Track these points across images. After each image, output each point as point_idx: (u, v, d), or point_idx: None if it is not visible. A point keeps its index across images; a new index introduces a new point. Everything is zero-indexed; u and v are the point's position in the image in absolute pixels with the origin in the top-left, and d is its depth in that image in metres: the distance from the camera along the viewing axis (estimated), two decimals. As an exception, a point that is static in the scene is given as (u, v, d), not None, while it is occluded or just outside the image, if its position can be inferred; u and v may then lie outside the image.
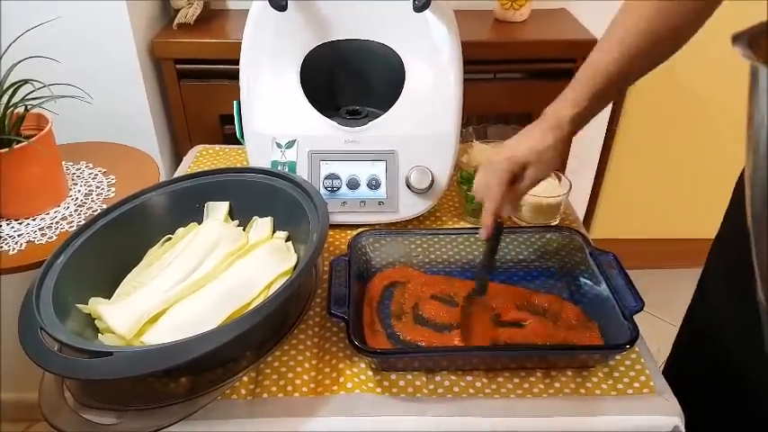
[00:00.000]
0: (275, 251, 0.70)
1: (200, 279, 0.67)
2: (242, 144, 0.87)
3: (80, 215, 0.91)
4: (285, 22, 0.83)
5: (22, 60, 0.86)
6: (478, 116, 1.32)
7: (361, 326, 0.67)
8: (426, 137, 0.84)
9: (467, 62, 0.85)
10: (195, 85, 1.28)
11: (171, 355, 0.52)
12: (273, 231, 0.75)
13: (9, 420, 1.41)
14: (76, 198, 0.95)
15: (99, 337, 0.62)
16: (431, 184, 0.83)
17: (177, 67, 1.26)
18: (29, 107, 0.87)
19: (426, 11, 0.80)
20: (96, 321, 0.63)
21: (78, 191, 0.97)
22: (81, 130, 1.11)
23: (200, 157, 1.04)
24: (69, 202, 0.94)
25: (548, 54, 1.29)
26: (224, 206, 0.77)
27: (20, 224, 0.89)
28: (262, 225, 0.75)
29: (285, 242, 0.73)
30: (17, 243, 0.85)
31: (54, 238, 0.86)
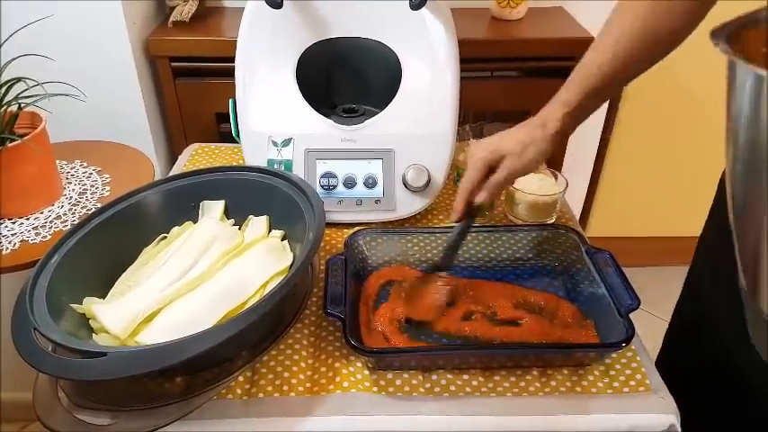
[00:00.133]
0: (271, 250, 0.70)
1: (195, 278, 0.66)
2: (238, 142, 0.87)
3: (74, 214, 0.91)
4: (281, 20, 0.83)
5: (16, 58, 0.85)
6: (475, 114, 1.32)
7: (357, 325, 0.67)
8: (423, 135, 0.84)
9: (463, 60, 0.85)
10: (191, 83, 1.28)
11: (166, 355, 0.52)
12: (269, 230, 0.74)
13: (4, 420, 1.40)
14: (71, 197, 0.94)
15: (93, 337, 0.62)
16: (427, 183, 0.83)
17: (172, 65, 1.26)
18: (22, 105, 0.86)
19: (423, 9, 0.80)
20: (91, 321, 0.63)
21: (73, 190, 0.96)
22: (75, 129, 1.10)
23: (195, 156, 1.04)
24: (63, 201, 0.94)
25: (544, 52, 1.29)
26: (219, 205, 0.77)
27: (13, 223, 0.88)
28: (257, 224, 0.75)
29: (281, 241, 0.72)
30: (11, 242, 0.85)
31: (48, 237, 0.86)
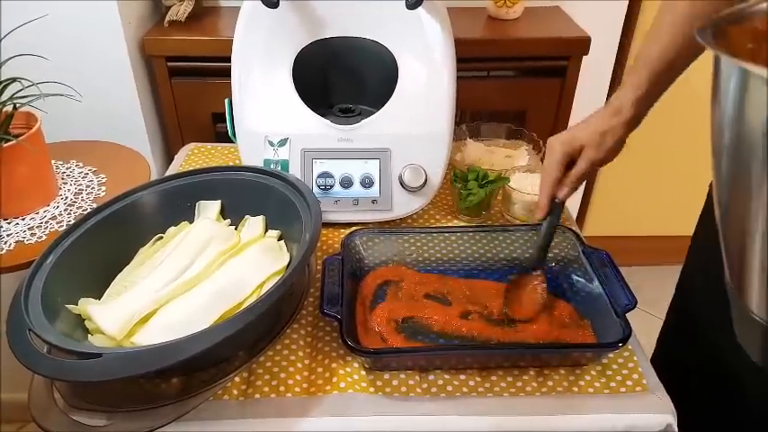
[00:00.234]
0: (267, 250, 0.70)
1: (191, 279, 0.66)
2: (234, 142, 0.87)
3: (70, 214, 0.90)
4: (277, 20, 0.82)
5: (11, 58, 0.85)
6: (472, 114, 1.32)
7: (354, 325, 0.67)
8: (420, 135, 0.84)
9: (460, 60, 0.85)
10: (187, 82, 1.27)
11: (161, 356, 0.52)
12: (266, 230, 0.74)
13: (1, 421, 1.40)
14: (66, 197, 0.94)
15: (89, 338, 0.61)
16: (424, 183, 0.83)
17: (168, 64, 1.25)
18: (17, 105, 0.86)
19: (419, 8, 0.80)
20: (86, 322, 0.63)
21: (68, 190, 0.96)
22: (71, 129, 1.10)
23: (191, 156, 1.04)
24: (59, 201, 0.93)
25: (541, 52, 1.28)
26: (216, 205, 0.76)
27: (9, 224, 0.88)
28: (254, 224, 0.74)
29: (277, 241, 0.72)
30: (6, 243, 0.84)
31: (43, 237, 0.86)
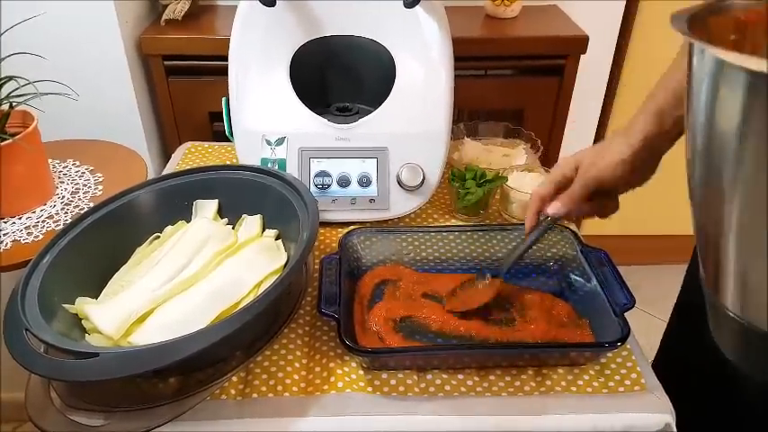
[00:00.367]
0: (265, 250, 0.70)
1: (188, 278, 0.66)
2: (231, 141, 0.87)
3: (67, 214, 0.90)
4: (274, 18, 0.82)
5: (7, 57, 0.84)
6: (469, 112, 1.32)
7: (351, 325, 0.67)
8: (417, 134, 0.84)
9: (457, 58, 0.84)
10: (184, 81, 1.27)
11: (159, 356, 0.52)
12: (263, 230, 0.74)
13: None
14: (63, 196, 0.94)
15: (86, 337, 0.61)
16: (422, 182, 0.83)
17: (165, 63, 1.25)
18: (14, 104, 0.86)
19: (417, 7, 0.80)
20: (83, 321, 0.62)
21: (65, 189, 0.95)
22: (67, 128, 1.10)
23: (188, 155, 1.03)
24: (56, 200, 0.93)
25: (538, 50, 1.28)
26: (213, 204, 0.76)
27: (5, 223, 0.87)
28: (251, 223, 0.74)
29: (275, 240, 0.72)
30: (2, 242, 0.84)
31: (40, 237, 0.85)
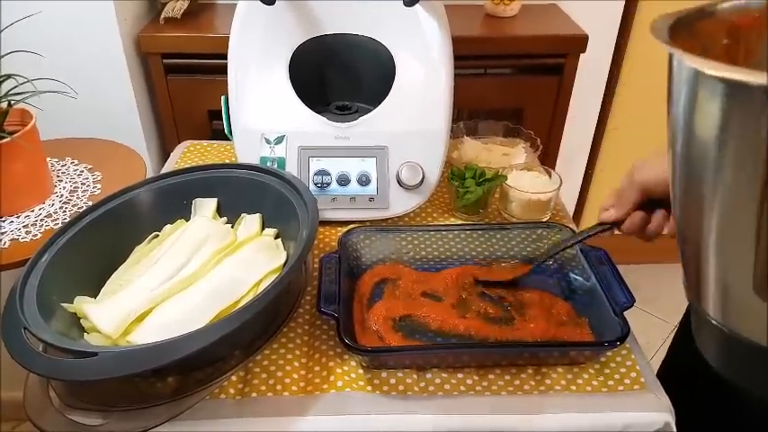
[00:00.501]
0: (264, 248, 0.69)
1: (187, 277, 0.66)
2: (230, 140, 0.87)
3: (65, 212, 0.90)
4: (273, 17, 0.82)
5: (6, 55, 0.84)
6: (469, 111, 1.32)
7: (351, 324, 0.66)
8: (417, 133, 0.84)
9: (457, 57, 0.84)
10: (183, 79, 1.27)
11: (158, 355, 0.51)
12: (262, 228, 0.74)
13: (-3, 420, 1.40)
14: (62, 195, 0.94)
15: (85, 336, 0.61)
16: (421, 181, 0.83)
17: (164, 61, 1.25)
18: (12, 102, 0.86)
19: (416, 5, 0.80)
20: (82, 321, 0.62)
21: (63, 187, 0.95)
22: (66, 126, 1.10)
23: (187, 153, 1.03)
24: (54, 199, 0.93)
25: (538, 50, 1.28)
26: (212, 203, 0.76)
27: (3, 221, 0.87)
28: (250, 222, 0.74)
29: (274, 239, 0.72)
30: (1, 241, 0.84)
31: (38, 235, 0.85)
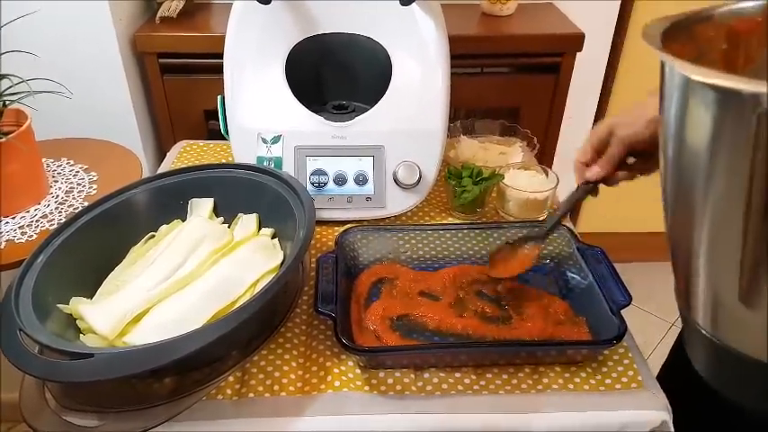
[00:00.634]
0: (261, 248, 0.69)
1: (184, 277, 0.66)
2: (227, 139, 0.86)
3: (61, 213, 0.89)
4: (270, 16, 0.82)
5: (1, 55, 0.83)
6: (466, 110, 1.32)
7: (348, 323, 0.66)
8: (414, 132, 0.84)
9: (454, 56, 0.84)
10: (179, 79, 1.26)
11: (154, 356, 0.51)
12: (259, 228, 0.74)
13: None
14: (57, 195, 0.93)
15: (81, 337, 0.61)
16: (418, 180, 0.83)
17: (160, 61, 1.24)
18: (7, 103, 0.85)
19: (413, 4, 0.79)
20: (78, 322, 0.62)
21: (59, 188, 0.95)
22: (62, 126, 1.09)
23: (183, 153, 1.03)
24: (50, 199, 0.92)
25: (534, 48, 1.28)
26: (208, 203, 0.76)
27: (-1, 222, 0.87)
28: (247, 222, 0.74)
29: (271, 239, 0.72)
30: (-4, 242, 0.84)
31: (34, 236, 0.85)
